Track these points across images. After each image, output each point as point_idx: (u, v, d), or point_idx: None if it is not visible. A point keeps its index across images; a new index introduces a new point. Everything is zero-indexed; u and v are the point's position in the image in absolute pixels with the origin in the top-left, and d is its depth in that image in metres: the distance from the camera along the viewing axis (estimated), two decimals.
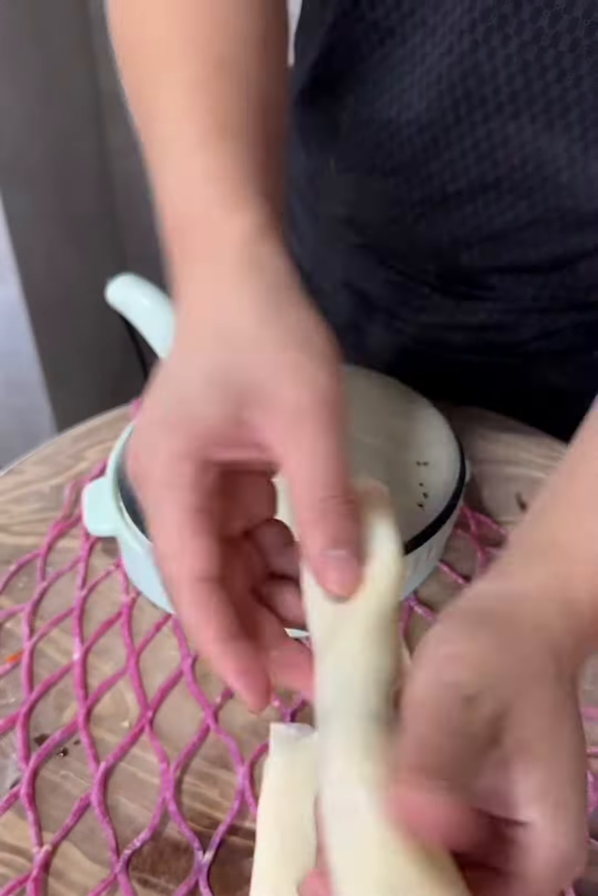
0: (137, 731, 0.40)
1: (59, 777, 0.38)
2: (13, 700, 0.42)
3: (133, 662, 0.43)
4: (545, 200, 0.48)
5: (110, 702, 0.42)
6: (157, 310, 0.58)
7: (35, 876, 0.34)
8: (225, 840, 0.36)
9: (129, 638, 0.45)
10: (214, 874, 0.35)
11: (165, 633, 0.45)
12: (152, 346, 0.58)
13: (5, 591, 0.48)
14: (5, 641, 0.45)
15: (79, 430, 0.61)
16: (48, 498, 0.55)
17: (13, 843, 0.36)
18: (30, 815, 0.36)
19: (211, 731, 0.40)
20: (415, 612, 0.46)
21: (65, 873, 0.35)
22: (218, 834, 0.36)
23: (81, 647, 0.44)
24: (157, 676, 0.43)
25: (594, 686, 0.42)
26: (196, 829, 0.36)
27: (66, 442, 0.60)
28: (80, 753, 0.39)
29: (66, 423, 0.41)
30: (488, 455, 0.57)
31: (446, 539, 0.43)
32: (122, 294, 0.58)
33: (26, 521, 0.53)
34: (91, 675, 0.43)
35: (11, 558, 0.50)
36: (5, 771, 0.38)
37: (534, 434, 0.59)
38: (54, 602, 0.47)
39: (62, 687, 0.42)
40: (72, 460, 0.58)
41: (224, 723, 0.41)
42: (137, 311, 0.58)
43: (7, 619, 0.46)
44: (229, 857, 0.35)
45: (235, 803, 0.37)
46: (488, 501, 0.53)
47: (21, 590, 0.48)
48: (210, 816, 0.37)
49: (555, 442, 0.58)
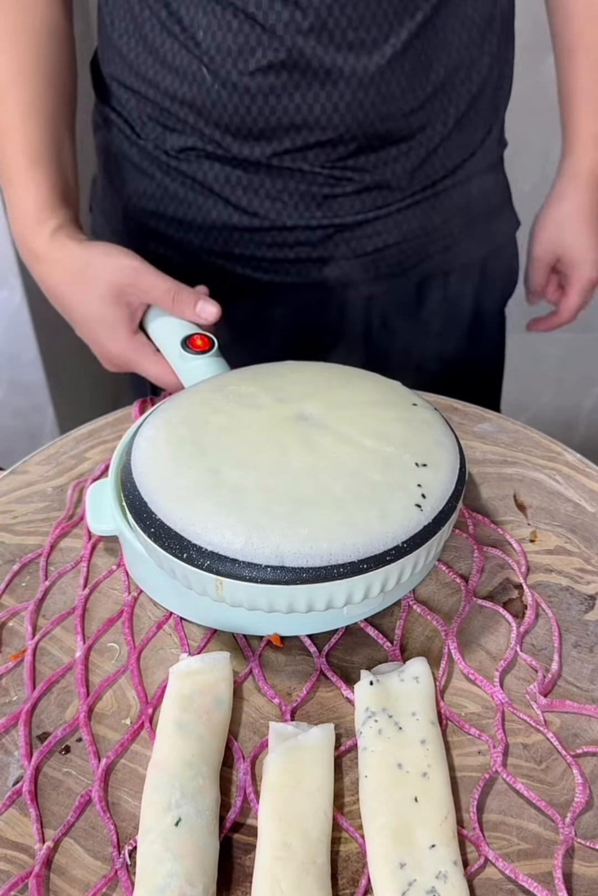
0: (138, 728, 0.40)
1: (61, 774, 0.39)
2: (16, 698, 0.42)
3: (134, 660, 0.43)
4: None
5: (112, 699, 0.42)
6: (159, 311, 0.58)
7: (37, 872, 0.34)
8: (227, 836, 0.36)
9: (130, 636, 0.45)
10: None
11: (166, 631, 0.45)
12: (156, 344, 0.58)
13: (9, 589, 0.48)
14: (9, 640, 0.45)
15: (81, 430, 0.62)
16: (51, 498, 0.55)
17: (16, 840, 0.36)
18: (32, 811, 0.37)
19: None
20: (413, 611, 0.46)
21: (66, 870, 0.35)
22: (220, 830, 0.36)
23: (83, 646, 0.44)
24: (158, 674, 0.43)
25: (593, 685, 0.42)
26: None
27: (69, 443, 0.60)
28: (82, 750, 0.40)
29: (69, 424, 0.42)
30: (486, 455, 0.57)
31: (445, 540, 0.43)
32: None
33: (29, 521, 0.53)
34: (93, 672, 0.43)
35: (15, 557, 0.50)
36: (8, 768, 0.39)
37: (532, 434, 0.59)
38: (57, 601, 0.48)
39: (64, 685, 0.43)
40: (74, 461, 0.59)
41: None
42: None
43: (10, 617, 0.47)
44: (231, 854, 0.36)
45: (237, 800, 0.37)
46: (485, 501, 0.54)
47: (24, 589, 0.48)
48: None
49: (554, 443, 0.59)
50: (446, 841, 0.34)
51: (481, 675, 0.42)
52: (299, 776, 0.37)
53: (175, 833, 0.34)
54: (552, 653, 0.44)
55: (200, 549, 0.38)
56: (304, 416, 0.44)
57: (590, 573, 0.48)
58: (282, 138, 0.60)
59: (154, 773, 0.36)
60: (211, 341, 0.55)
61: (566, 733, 0.40)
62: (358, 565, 0.37)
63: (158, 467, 0.41)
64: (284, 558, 0.37)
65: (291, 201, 0.63)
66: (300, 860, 0.33)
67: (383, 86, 0.58)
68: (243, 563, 0.37)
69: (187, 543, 0.38)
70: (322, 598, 0.38)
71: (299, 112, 0.58)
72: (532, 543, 0.51)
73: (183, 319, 0.57)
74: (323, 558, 0.37)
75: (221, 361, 0.55)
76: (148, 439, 0.44)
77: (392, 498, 0.39)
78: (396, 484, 0.40)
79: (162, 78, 0.60)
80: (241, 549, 0.37)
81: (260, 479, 0.40)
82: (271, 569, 0.37)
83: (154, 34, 0.59)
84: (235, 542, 0.37)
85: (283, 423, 0.44)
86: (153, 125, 0.64)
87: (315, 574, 0.37)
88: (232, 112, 0.59)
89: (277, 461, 0.41)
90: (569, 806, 0.37)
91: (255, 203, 0.64)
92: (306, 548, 0.37)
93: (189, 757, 0.37)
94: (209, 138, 0.61)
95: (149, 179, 0.67)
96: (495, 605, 0.46)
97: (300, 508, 0.38)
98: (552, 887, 0.34)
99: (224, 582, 0.37)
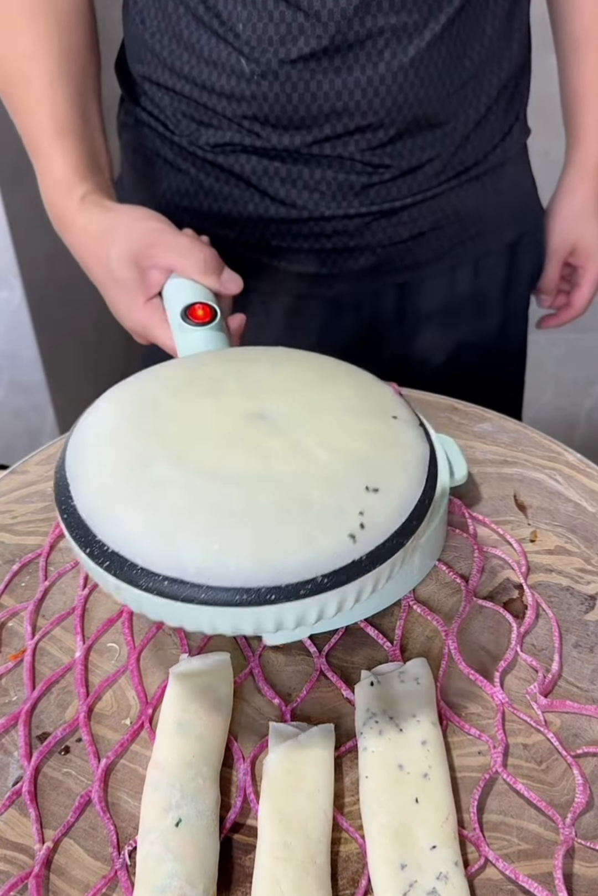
0: (137, 729, 0.40)
1: (60, 774, 0.39)
2: (15, 698, 0.42)
3: (134, 660, 0.43)
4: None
5: (112, 699, 0.42)
6: (174, 276, 0.56)
7: (37, 873, 0.34)
8: (227, 837, 0.36)
9: (130, 636, 0.45)
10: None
11: (166, 631, 0.45)
12: (167, 311, 0.56)
13: (8, 590, 0.48)
14: (8, 640, 0.45)
15: None
16: (51, 498, 0.55)
17: (15, 841, 0.36)
18: (32, 812, 0.37)
19: None
20: (413, 611, 0.46)
21: (66, 870, 0.35)
22: (220, 831, 0.36)
23: (83, 646, 0.44)
24: (158, 674, 0.43)
25: (594, 685, 0.42)
26: None
27: None
28: (82, 751, 0.40)
29: (69, 424, 0.41)
30: (486, 455, 0.57)
31: (391, 576, 0.36)
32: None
33: (29, 521, 0.53)
34: (93, 673, 0.43)
35: (15, 557, 0.50)
36: (8, 768, 0.39)
37: (533, 434, 0.59)
38: (57, 601, 0.48)
39: (64, 685, 0.43)
40: None
41: None
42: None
43: (10, 617, 0.47)
44: (231, 854, 0.36)
45: (237, 800, 0.37)
46: (485, 501, 0.54)
47: (24, 589, 0.48)
48: None
49: (554, 443, 0.59)
50: (447, 842, 0.34)
51: (482, 675, 0.42)
52: (300, 776, 0.37)
53: (176, 833, 0.34)
54: (552, 653, 0.44)
55: (102, 546, 0.34)
56: (262, 415, 0.39)
57: (590, 573, 0.48)
58: (322, 125, 0.61)
59: (154, 774, 0.36)
60: (213, 312, 0.50)
61: (566, 733, 0.40)
62: (264, 595, 0.32)
63: (90, 449, 0.38)
64: (186, 572, 0.32)
65: (329, 191, 0.64)
66: (300, 860, 0.33)
67: (421, 70, 0.59)
68: (141, 569, 0.33)
69: (92, 537, 0.34)
70: (226, 623, 0.33)
71: (340, 98, 0.59)
72: (533, 543, 0.51)
73: (197, 284, 0.53)
74: (228, 578, 0.32)
75: (221, 336, 0.50)
76: (94, 411, 0.40)
77: (324, 522, 0.33)
78: (334, 506, 0.34)
79: (199, 73, 0.61)
80: (145, 551, 0.33)
81: (188, 478, 0.35)
82: (169, 581, 0.32)
83: (190, 30, 0.60)
84: (140, 543, 0.33)
85: (237, 418, 0.39)
86: (188, 122, 0.65)
87: (214, 596, 0.32)
88: (272, 101, 0.60)
89: (214, 461, 0.36)
90: (569, 806, 0.37)
91: (293, 194, 0.64)
92: (212, 564, 0.32)
93: (189, 757, 0.37)
94: (248, 130, 0.62)
95: (183, 175, 0.67)
96: (495, 606, 0.46)
97: (219, 520, 0.33)
98: (552, 888, 0.34)
99: (121, 586, 0.33)
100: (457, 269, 0.73)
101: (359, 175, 0.63)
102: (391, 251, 0.68)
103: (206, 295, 0.53)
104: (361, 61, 0.58)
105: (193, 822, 0.34)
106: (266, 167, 0.64)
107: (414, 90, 0.60)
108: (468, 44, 0.62)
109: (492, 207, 0.71)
